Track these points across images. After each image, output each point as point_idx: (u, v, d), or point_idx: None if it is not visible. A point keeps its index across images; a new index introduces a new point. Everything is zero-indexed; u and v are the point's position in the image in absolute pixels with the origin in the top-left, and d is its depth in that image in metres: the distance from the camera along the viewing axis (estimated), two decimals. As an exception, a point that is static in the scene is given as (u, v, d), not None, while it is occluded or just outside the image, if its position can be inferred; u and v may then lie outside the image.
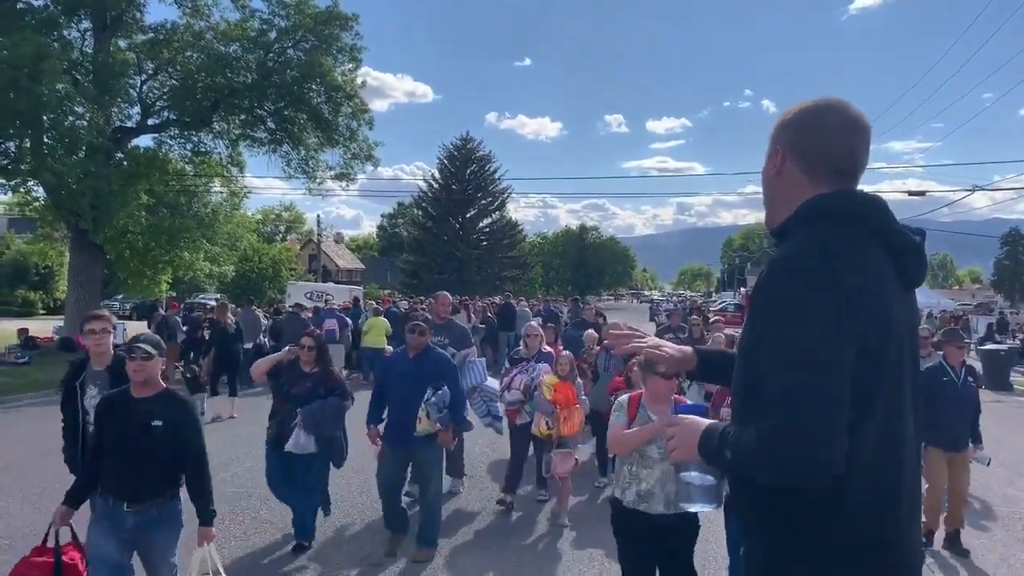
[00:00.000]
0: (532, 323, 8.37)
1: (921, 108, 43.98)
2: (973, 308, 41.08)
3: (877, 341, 1.67)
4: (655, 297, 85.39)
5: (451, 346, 7.43)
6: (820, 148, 1.84)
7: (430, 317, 7.79)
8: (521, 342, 8.04)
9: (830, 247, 1.71)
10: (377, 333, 16.97)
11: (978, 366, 20.56)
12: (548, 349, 7.87)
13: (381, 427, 6.18)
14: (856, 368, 1.64)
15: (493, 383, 7.77)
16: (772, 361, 1.69)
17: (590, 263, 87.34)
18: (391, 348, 17.84)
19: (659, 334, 11.73)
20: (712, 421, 1.91)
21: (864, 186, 1.94)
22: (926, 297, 47.31)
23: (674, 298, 64.44)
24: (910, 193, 37.63)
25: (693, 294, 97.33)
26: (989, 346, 21.46)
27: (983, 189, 27.21)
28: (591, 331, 9.69)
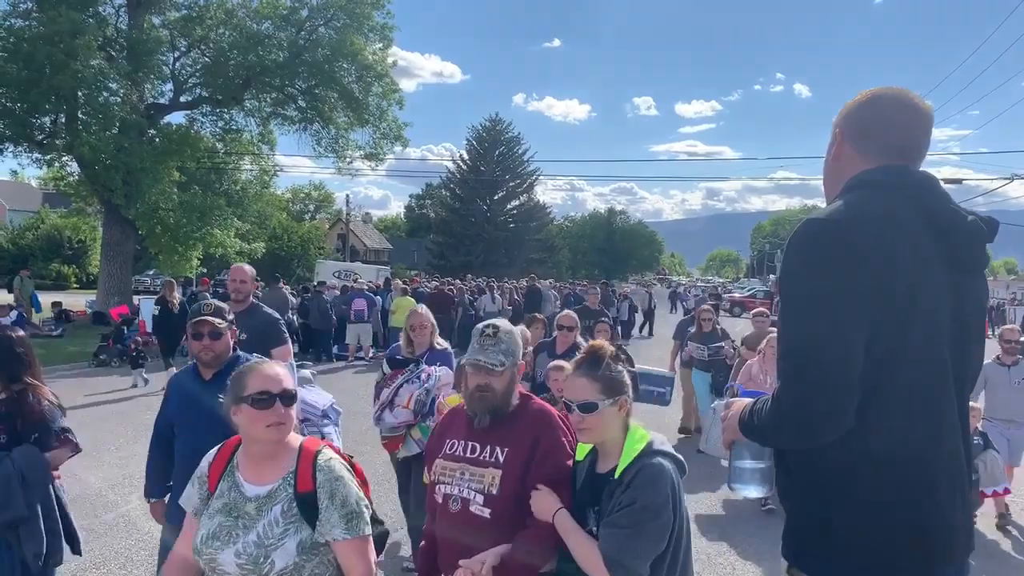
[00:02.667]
0: (419, 308, 5.49)
1: (958, 95, 43.18)
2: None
3: (897, 309, 1.68)
4: (682, 281, 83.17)
5: (248, 344, 4.60)
6: (874, 128, 1.91)
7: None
8: (401, 335, 5.37)
9: (849, 209, 1.77)
10: (404, 313, 17.04)
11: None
12: (443, 344, 5.37)
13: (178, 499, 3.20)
14: (872, 333, 1.67)
15: (313, 396, 4.91)
16: (784, 318, 1.77)
17: (618, 247, 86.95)
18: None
19: (682, 326, 10.63)
20: (758, 399, 1.93)
21: None
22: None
23: (694, 285, 59.77)
24: (945, 181, 37.09)
25: (722, 280, 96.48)
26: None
27: (1022, 178, 26.66)
28: (522, 326, 7.10)
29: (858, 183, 1.87)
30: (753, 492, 2.03)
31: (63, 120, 20.77)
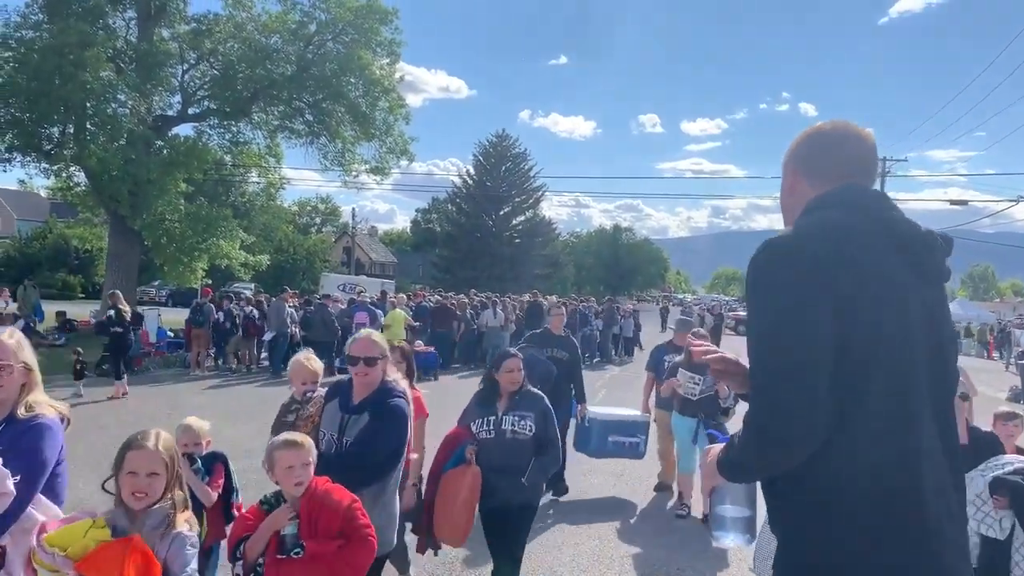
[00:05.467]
0: (4, 333, 2.82)
1: (964, 116, 43.14)
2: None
3: (865, 321, 1.70)
4: (687, 298, 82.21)
5: None
6: (825, 159, 1.99)
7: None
8: None
9: (809, 227, 1.83)
10: (398, 327, 17.16)
11: (1017, 380, 20.17)
12: (39, 412, 2.77)
13: None
14: (841, 344, 1.67)
15: None
16: (749, 337, 1.80)
17: (623, 264, 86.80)
18: (421, 342, 17.99)
19: (658, 353, 8.33)
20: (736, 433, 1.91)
21: (905, 194, 1.97)
22: (965, 309, 46.29)
23: (698, 302, 57.44)
24: (952, 202, 36.87)
25: (728, 298, 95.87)
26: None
27: (1028, 200, 26.54)
28: (305, 356, 4.74)
29: (816, 205, 1.93)
30: (733, 540, 1.98)
31: (71, 131, 20.88)
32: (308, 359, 4.67)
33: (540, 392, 4.89)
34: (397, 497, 3.74)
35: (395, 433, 3.59)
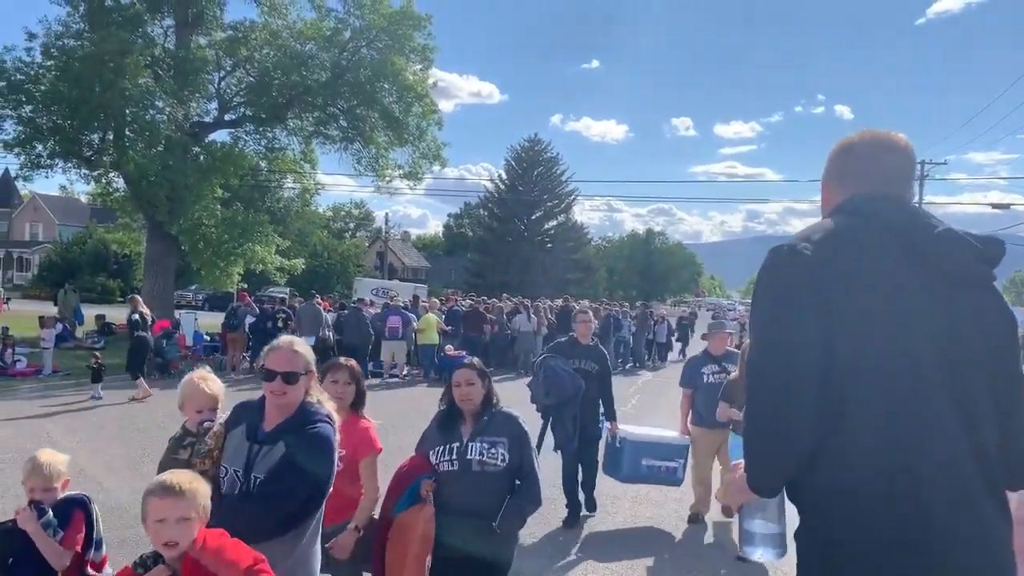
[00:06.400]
0: None
1: (1006, 118, 42.36)
2: None
3: (855, 322, 1.70)
4: (721, 302, 80.00)
5: None
6: (856, 171, 1.98)
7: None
8: None
9: (803, 233, 1.86)
10: (430, 331, 17.25)
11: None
12: None
13: None
14: (830, 345, 1.69)
15: None
16: (750, 340, 1.91)
17: (656, 268, 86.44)
18: (451, 347, 18.01)
19: (694, 366, 7.35)
20: None
21: (944, 198, 1.91)
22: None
23: (732, 308, 55.48)
24: (993, 206, 36.16)
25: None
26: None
27: (1074, 203, 25.93)
28: (200, 375, 3.43)
29: (829, 214, 1.98)
30: (763, 555, 1.95)
31: (111, 137, 21.26)
32: (203, 378, 3.46)
33: (514, 413, 3.87)
34: (318, 548, 3.00)
35: (319, 466, 2.82)
